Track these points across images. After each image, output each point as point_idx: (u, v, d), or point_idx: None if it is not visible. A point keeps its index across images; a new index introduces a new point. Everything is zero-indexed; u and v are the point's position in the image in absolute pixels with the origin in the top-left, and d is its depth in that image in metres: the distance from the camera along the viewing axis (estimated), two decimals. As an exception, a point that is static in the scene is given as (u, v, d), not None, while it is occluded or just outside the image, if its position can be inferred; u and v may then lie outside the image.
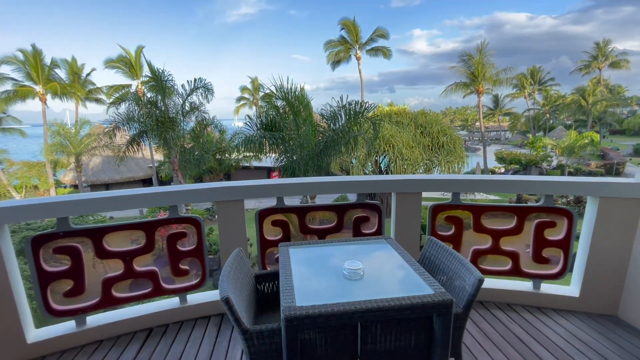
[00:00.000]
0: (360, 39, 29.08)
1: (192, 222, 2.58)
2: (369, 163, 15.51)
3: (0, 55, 21.85)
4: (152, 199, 2.48)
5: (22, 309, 2.22)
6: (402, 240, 2.76)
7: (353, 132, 9.35)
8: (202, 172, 15.06)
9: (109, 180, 24.95)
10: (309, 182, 2.70)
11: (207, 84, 13.19)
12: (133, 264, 2.49)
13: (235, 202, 2.60)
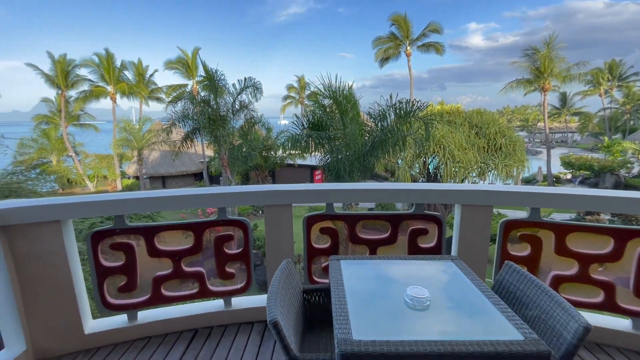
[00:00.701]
0: (411, 35, 27.94)
1: (239, 225, 2.51)
2: (416, 164, 14.79)
3: (80, 59, 24.73)
4: (201, 200, 2.45)
5: (81, 300, 2.30)
6: (465, 260, 2.43)
7: (402, 132, 8.90)
8: (248, 168, 15.53)
9: (165, 173, 26.99)
10: (363, 189, 2.48)
11: (256, 83, 13.54)
12: (182, 263, 2.48)
13: (283, 207, 2.48)
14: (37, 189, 7.88)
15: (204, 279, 2.56)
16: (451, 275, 1.77)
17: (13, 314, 2.11)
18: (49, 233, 2.10)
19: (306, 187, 2.52)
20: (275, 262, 2.52)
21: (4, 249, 2.02)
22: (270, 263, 2.57)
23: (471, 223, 2.41)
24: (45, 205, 2.07)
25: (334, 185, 2.53)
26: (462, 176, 13.41)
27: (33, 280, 2.13)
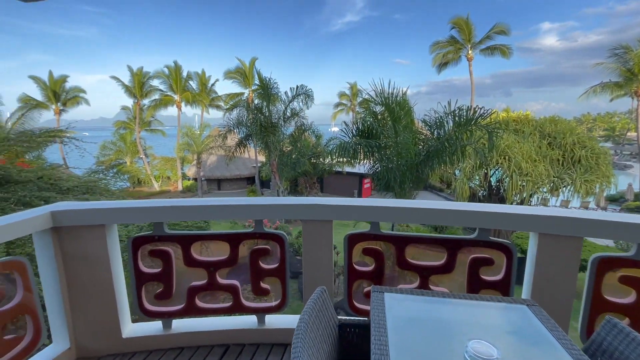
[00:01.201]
0: (474, 38, 26.21)
1: (275, 239, 2.35)
2: (476, 176, 13.59)
3: (153, 71, 27.76)
4: (237, 211, 2.34)
5: (121, 304, 2.32)
6: (543, 305, 1.96)
7: (461, 141, 8.17)
8: (297, 174, 15.73)
9: (220, 176, 28.67)
10: (415, 208, 2.15)
11: (307, 90, 13.70)
12: (216, 275, 2.39)
13: (323, 223, 2.26)
14: (110, 186, 8.72)
15: (238, 293, 2.44)
16: (527, 326, 1.39)
17: (60, 311, 2.19)
18: (93, 236, 2.14)
19: (349, 202, 2.27)
20: (311, 281, 2.31)
21: (55, 248, 2.10)
22: (306, 281, 2.36)
23: (552, 257, 1.94)
24: (91, 210, 2.11)
25: (382, 202, 2.24)
26: (530, 191, 11.94)
27: (78, 280, 2.19)
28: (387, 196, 9.84)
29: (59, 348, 2.20)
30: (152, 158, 29.57)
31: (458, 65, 27.94)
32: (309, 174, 17.32)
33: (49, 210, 2.05)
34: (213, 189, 30.64)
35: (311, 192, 18.38)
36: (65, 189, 5.86)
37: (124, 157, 28.65)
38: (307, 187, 18.37)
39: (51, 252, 2.08)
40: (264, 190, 28.39)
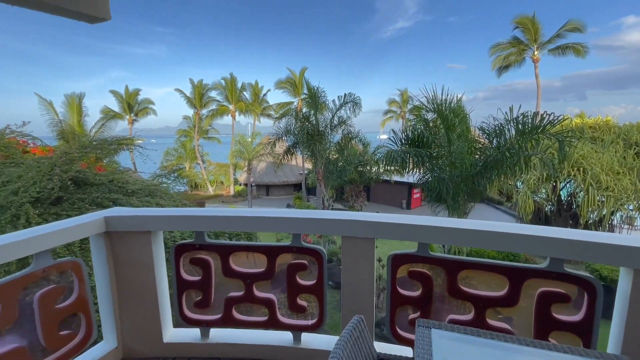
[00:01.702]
0: (541, 38, 23.91)
1: (313, 254, 2.23)
2: (542, 189, 12.17)
3: (211, 83, 30.08)
4: (275, 224, 2.28)
5: (163, 309, 2.38)
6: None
7: (525, 151, 7.33)
8: (343, 182, 15.59)
9: (269, 182, 29.68)
10: (473, 230, 1.88)
11: (356, 98, 13.59)
12: (254, 287, 2.34)
13: (364, 240, 2.09)
14: (171, 190, 9.42)
15: (275, 308, 2.37)
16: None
17: (110, 312, 2.30)
18: (140, 241, 2.22)
19: (395, 219, 2.07)
20: (351, 301, 2.14)
21: (107, 251, 2.22)
22: (345, 301, 2.20)
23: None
24: (139, 216, 2.20)
25: (433, 221, 2.01)
26: (611, 207, 10.32)
27: (126, 283, 2.29)
28: (439, 208, 9.23)
29: (108, 347, 2.31)
30: (208, 164, 32.03)
31: (521, 67, 25.69)
32: (355, 182, 17.07)
33: (103, 215, 2.17)
34: (262, 195, 31.82)
35: (357, 201, 18.10)
36: (131, 192, 6.40)
37: (184, 162, 31.34)
38: (352, 196, 18.11)
39: (104, 255, 2.20)
40: (310, 197, 28.72)
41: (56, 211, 5.05)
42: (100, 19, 2.11)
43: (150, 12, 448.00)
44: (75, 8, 1.92)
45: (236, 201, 29.02)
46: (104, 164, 9.15)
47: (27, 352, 1.81)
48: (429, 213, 11.07)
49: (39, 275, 1.87)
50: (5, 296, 1.72)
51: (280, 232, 3.62)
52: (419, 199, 27.55)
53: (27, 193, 4.66)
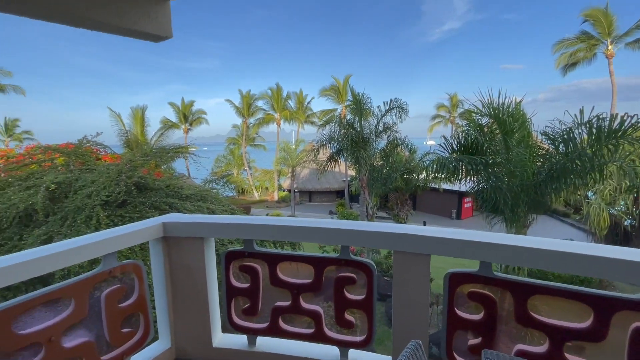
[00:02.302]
0: (615, 30, 21.33)
1: (363, 268, 2.13)
2: (620, 201, 10.66)
3: (258, 93, 31.62)
4: (321, 235, 2.22)
5: (214, 313, 2.43)
6: None
7: (600, 158, 6.45)
8: (388, 190, 15.18)
9: (312, 189, 30.02)
10: (551, 251, 1.62)
11: (402, 103, 13.24)
12: (300, 298, 2.29)
13: (418, 256, 1.94)
14: (219, 194, 9.92)
15: (321, 321, 2.29)
16: None
17: (165, 313, 2.40)
18: (194, 247, 2.30)
19: (453, 234, 1.90)
20: (403, 322, 1.99)
21: (164, 255, 2.33)
22: (397, 322, 2.05)
23: None
24: (193, 223, 2.28)
25: (496, 238, 1.79)
26: None
27: (180, 287, 2.38)
28: (494, 220, 8.52)
29: (162, 347, 2.41)
30: (254, 170, 33.60)
31: (591, 64, 23.12)
32: (401, 190, 16.52)
33: (161, 221, 2.28)
34: (304, 201, 32.28)
35: (402, 210, 17.47)
36: (185, 196, 6.82)
37: (232, 168, 33.16)
38: (398, 204, 17.54)
39: (161, 258, 2.32)
40: (353, 204, 28.45)
41: (121, 213, 5.53)
42: (164, 37, 2.25)
43: (206, 29, 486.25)
44: (143, 29, 2.07)
45: (280, 206, 29.78)
46: (162, 170, 9.91)
47: (94, 346, 1.94)
48: (482, 224, 10.28)
49: (106, 275, 2.01)
50: (78, 293, 1.86)
51: (328, 245, 3.50)
52: (471, 208, 25.89)
53: (98, 196, 5.17)
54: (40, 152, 7.81)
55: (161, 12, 2.12)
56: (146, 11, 2.05)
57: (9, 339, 1.57)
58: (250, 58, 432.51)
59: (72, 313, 1.81)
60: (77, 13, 1.76)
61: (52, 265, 1.75)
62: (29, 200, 5.05)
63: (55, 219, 5.03)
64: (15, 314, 1.61)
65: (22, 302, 1.63)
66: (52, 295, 1.75)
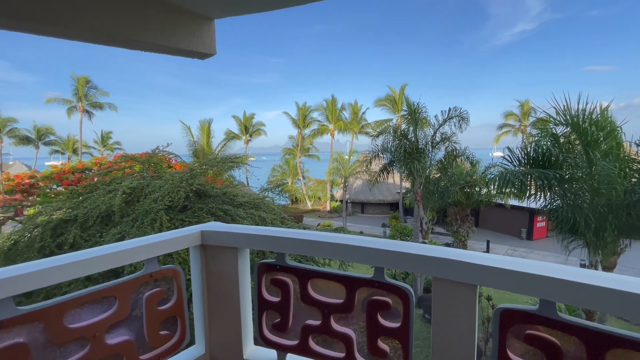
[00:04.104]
0: None
1: (398, 293, 1.93)
2: None
3: (314, 105, 32.61)
4: (357, 253, 2.07)
5: (245, 325, 2.43)
6: None
7: None
8: (446, 204, 14.21)
9: (364, 200, 29.52)
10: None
11: (462, 112, 12.37)
12: (331, 318, 2.16)
13: (463, 287, 1.68)
14: (273, 203, 10.26)
15: (352, 346, 2.13)
16: None
17: (201, 319, 2.47)
18: (228, 257, 2.34)
19: (507, 263, 1.61)
20: (441, 356, 1.74)
21: (202, 262, 2.41)
22: (436, 359, 1.81)
23: None
24: (228, 232, 2.32)
25: (564, 272, 1.47)
26: None
27: (215, 295, 2.42)
28: (573, 244, 7.36)
29: (197, 352, 2.47)
30: (307, 180, 34.44)
31: None
32: (461, 205, 15.32)
33: (200, 229, 2.37)
34: (357, 212, 31.85)
35: (463, 226, 16.14)
36: (238, 204, 7.16)
37: (287, 178, 34.44)
38: (457, 220, 16.26)
39: (199, 266, 2.40)
40: (407, 217, 27.23)
41: (181, 217, 6.00)
42: (209, 55, 2.37)
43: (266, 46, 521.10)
44: (190, 48, 2.21)
45: (332, 216, 29.84)
46: (223, 178, 10.61)
47: (134, 345, 2.05)
48: (557, 247, 8.95)
49: (147, 279, 2.12)
50: (122, 293, 1.99)
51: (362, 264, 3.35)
52: (544, 228, 22.96)
53: (162, 201, 5.68)
54: (123, 160, 8.94)
55: (206, 31, 2.25)
56: (192, 31, 2.19)
57: (60, 332, 1.72)
58: (308, 71, 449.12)
59: (116, 312, 1.94)
60: (132, 37, 1.94)
61: (103, 265, 1.91)
62: (109, 203, 5.77)
63: (128, 220, 5.65)
64: (67, 308, 1.76)
65: (74, 298, 1.78)
66: (100, 293, 1.89)
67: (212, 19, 2.28)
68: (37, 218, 6.00)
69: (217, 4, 2.18)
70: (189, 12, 2.16)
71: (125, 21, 1.90)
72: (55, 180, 11.43)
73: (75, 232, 5.30)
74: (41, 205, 8.50)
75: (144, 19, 1.98)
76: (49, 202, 9.95)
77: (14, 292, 1.55)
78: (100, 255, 1.91)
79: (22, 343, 1.58)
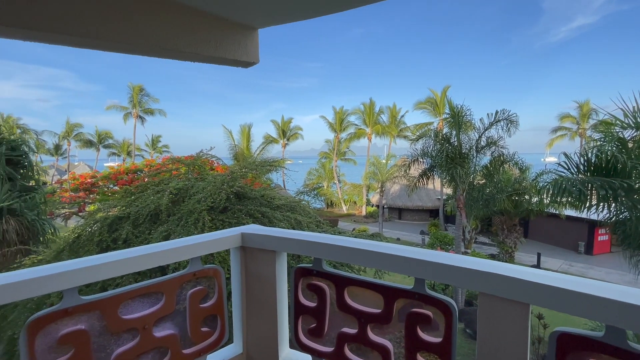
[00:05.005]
0: None
1: (440, 307, 1.83)
2: None
3: (351, 109, 32.44)
4: (395, 263, 2.00)
5: (282, 328, 2.45)
6: None
7: None
8: (491, 212, 13.35)
9: (401, 206, 28.70)
10: None
11: (511, 115, 11.58)
12: (368, 328, 2.11)
13: (514, 305, 1.55)
14: (308, 206, 10.36)
15: (390, 358, 2.06)
16: None
17: (239, 319, 2.54)
18: (266, 260, 2.38)
19: (567, 282, 1.45)
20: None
21: (241, 264, 2.48)
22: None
23: None
24: (266, 235, 2.37)
25: (633, 296, 1.30)
26: None
27: (253, 296, 2.48)
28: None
29: (235, 350, 2.54)
30: (343, 184, 34.38)
31: None
32: (508, 214, 14.29)
33: (240, 231, 2.44)
34: (394, 218, 31.06)
35: (510, 236, 15.00)
36: (275, 206, 7.32)
37: (322, 181, 34.62)
38: (503, 229, 15.17)
39: (238, 267, 2.47)
40: (448, 225, 26.02)
41: (222, 218, 6.26)
42: (252, 63, 2.46)
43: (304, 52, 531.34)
44: (235, 57, 2.30)
45: (367, 222, 29.40)
46: (261, 181, 10.92)
47: (178, 339, 2.15)
48: (623, 264, 7.97)
49: (191, 277, 2.23)
50: (169, 289, 2.11)
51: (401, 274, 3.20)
52: (607, 243, 20.70)
53: (205, 202, 5.97)
54: (170, 162, 9.57)
55: (250, 40, 2.33)
56: (238, 40, 2.28)
57: (115, 321, 1.86)
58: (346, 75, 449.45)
59: (163, 306, 2.06)
60: (182, 49, 2.07)
61: (153, 262, 2.04)
62: (158, 202, 6.18)
63: (174, 219, 6.01)
64: (121, 300, 1.90)
65: (128, 291, 1.92)
66: (149, 288, 2.02)
67: (256, 28, 2.35)
68: (96, 214, 6.61)
69: (261, 14, 2.25)
70: (234, 23, 2.25)
71: (176, 35, 2.03)
72: (112, 180, 12.56)
73: (128, 229, 5.74)
74: (100, 203, 9.39)
75: (192, 32, 2.10)
76: (106, 200, 10.96)
77: (78, 283, 1.70)
78: (151, 253, 2.04)
79: (83, 330, 1.73)
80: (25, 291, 1.57)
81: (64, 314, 1.69)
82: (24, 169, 9.46)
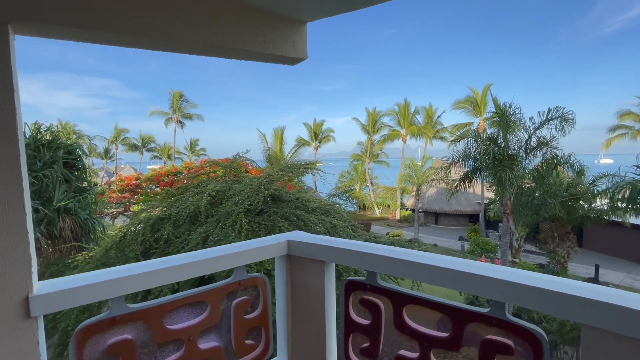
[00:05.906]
0: None
1: (525, 337, 1.54)
2: None
3: (385, 110, 31.75)
4: (468, 282, 1.73)
5: (330, 343, 2.27)
6: None
7: None
8: (541, 219, 12.28)
9: (439, 210, 27.52)
10: None
11: (565, 113, 10.57)
12: (431, 354, 1.86)
13: (630, 342, 1.24)
14: (343, 209, 10.15)
15: (457, 388, 1.79)
16: None
17: (284, 331, 2.39)
18: (314, 270, 2.21)
19: None
20: None
21: (287, 274, 2.33)
22: None
23: None
24: (314, 244, 2.19)
25: None
26: None
27: (299, 308, 2.32)
28: None
29: (279, 363, 2.40)
30: (376, 187, 33.71)
31: None
32: (561, 221, 13.06)
33: (286, 239, 2.29)
34: (430, 222, 29.86)
35: (562, 245, 13.67)
36: (310, 209, 7.19)
37: (354, 184, 34.15)
38: (554, 237, 13.89)
39: (284, 276, 2.32)
40: (489, 232, 24.53)
41: (258, 221, 6.22)
42: (300, 59, 2.31)
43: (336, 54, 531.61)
44: (283, 53, 2.16)
45: (401, 226, 28.51)
46: (293, 183, 10.89)
47: (222, 352, 2.04)
48: None
49: (236, 286, 2.11)
50: (213, 299, 2.00)
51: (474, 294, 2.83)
52: (678, 255, 18.37)
53: (242, 205, 5.97)
54: (208, 165, 9.81)
55: (298, 34, 2.18)
56: (285, 35, 2.14)
57: (161, 331, 1.77)
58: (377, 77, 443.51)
59: (208, 317, 1.95)
60: (230, 46, 1.96)
61: (198, 271, 1.95)
62: (197, 204, 6.29)
63: (212, 221, 6.07)
64: (167, 309, 1.81)
65: (172, 300, 1.83)
66: (194, 298, 1.92)
67: (305, 22, 2.20)
68: (140, 214, 6.88)
69: (310, 6, 2.10)
70: (282, 17, 2.12)
71: (224, 31, 1.93)
72: (154, 182, 13.20)
73: (169, 229, 5.87)
74: (143, 204, 9.85)
75: (241, 28, 1.99)
76: (149, 200, 11.50)
77: (125, 292, 1.63)
78: (196, 261, 1.94)
79: (130, 339, 1.65)
80: (74, 300, 1.52)
81: (112, 323, 1.62)
82: (79, 171, 10.19)
